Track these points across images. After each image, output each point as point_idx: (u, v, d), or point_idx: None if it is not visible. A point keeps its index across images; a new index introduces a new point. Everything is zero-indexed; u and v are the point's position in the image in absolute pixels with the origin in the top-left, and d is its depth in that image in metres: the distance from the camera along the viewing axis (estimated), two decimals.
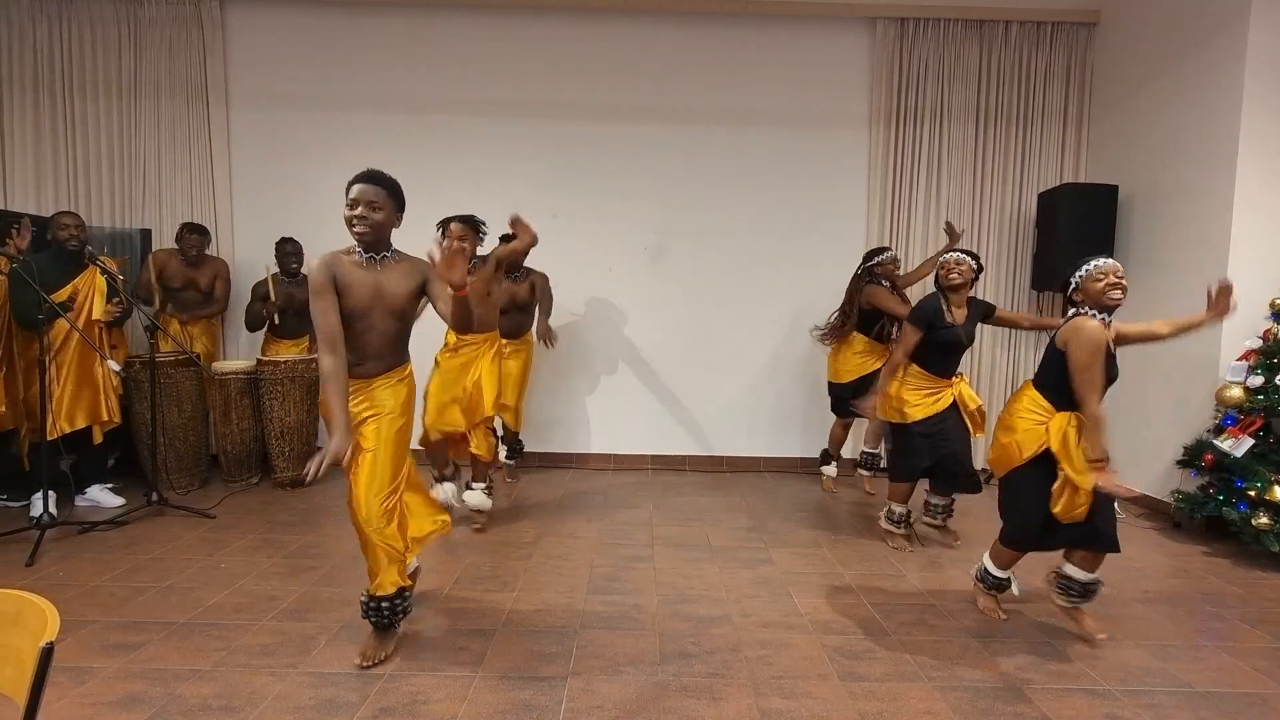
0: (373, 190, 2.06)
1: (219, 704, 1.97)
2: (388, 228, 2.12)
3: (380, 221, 2.08)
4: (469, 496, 3.51)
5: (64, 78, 4.60)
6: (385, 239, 2.13)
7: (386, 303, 2.11)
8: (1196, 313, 2.48)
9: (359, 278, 2.09)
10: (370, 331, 2.13)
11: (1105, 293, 2.28)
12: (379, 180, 2.09)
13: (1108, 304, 2.29)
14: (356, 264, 2.11)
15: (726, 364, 4.95)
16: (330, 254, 2.11)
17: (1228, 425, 3.41)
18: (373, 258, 2.12)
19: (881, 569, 3.11)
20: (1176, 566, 3.23)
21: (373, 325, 2.13)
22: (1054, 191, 4.45)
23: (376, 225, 2.07)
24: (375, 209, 2.06)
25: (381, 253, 2.13)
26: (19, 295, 3.36)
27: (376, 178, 2.09)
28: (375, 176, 2.09)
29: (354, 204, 2.06)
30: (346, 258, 2.11)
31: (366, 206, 2.05)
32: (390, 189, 2.11)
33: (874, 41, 4.73)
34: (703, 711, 1.98)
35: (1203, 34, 3.84)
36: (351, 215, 2.06)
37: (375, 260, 2.12)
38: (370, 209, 2.05)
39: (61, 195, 4.63)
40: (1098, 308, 2.31)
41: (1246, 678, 2.24)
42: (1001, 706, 2.03)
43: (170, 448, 4.02)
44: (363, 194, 2.05)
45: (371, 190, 2.06)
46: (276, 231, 4.51)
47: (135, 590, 2.72)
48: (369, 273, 2.10)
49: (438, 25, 4.71)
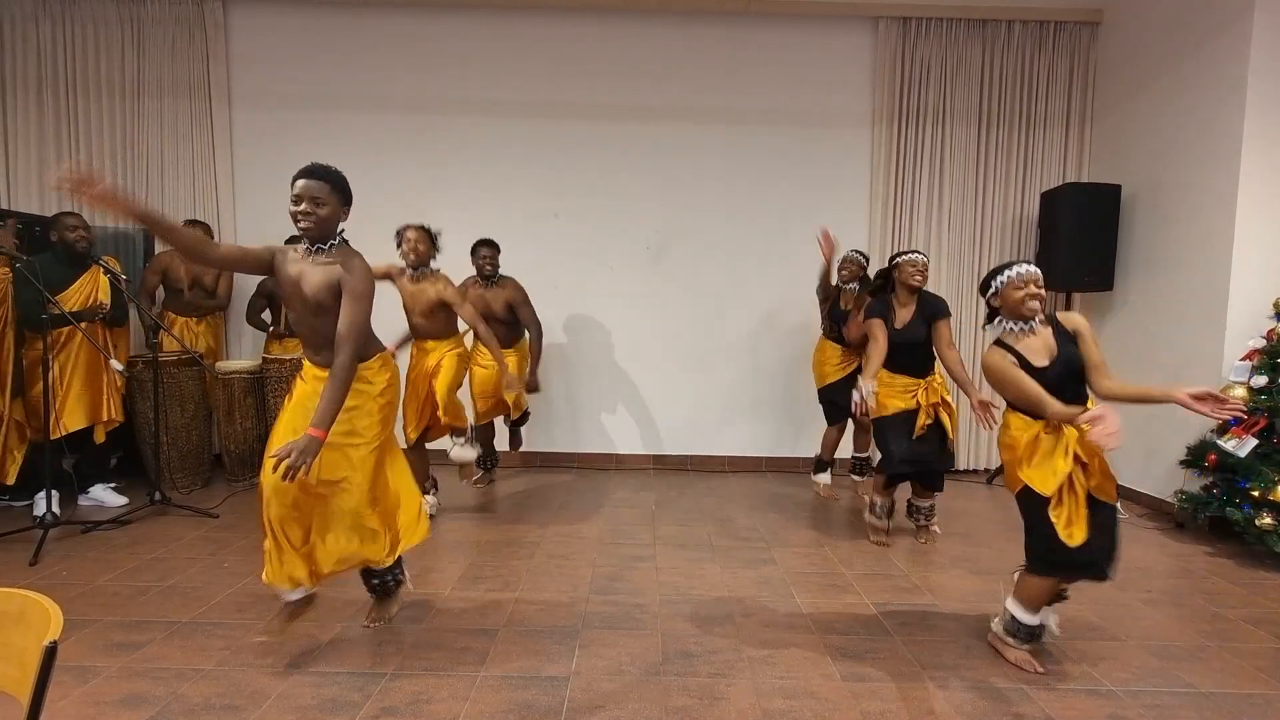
0: (316, 185, 2.06)
1: (221, 703, 1.97)
2: (333, 222, 2.11)
3: (324, 216, 2.07)
4: (453, 452, 3.62)
5: (67, 78, 4.62)
6: (330, 232, 2.12)
7: (304, 295, 2.09)
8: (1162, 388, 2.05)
9: (290, 270, 2.11)
10: (301, 323, 2.16)
11: (1023, 303, 2.16)
12: (323, 175, 2.08)
13: (1023, 314, 2.17)
14: (295, 257, 2.13)
15: (728, 363, 4.95)
16: (280, 245, 2.18)
17: (1231, 425, 3.40)
18: (310, 249, 2.12)
19: (884, 568, 3.11)
20: (1180, 567, 3.22)
21: (297, 315, 2.15)
22: (1056, 191, 4.44)
23: (320, 221, 2.07)
24: (319, 204, 2.06)
25: (320, 246, 2.12)
26: (23, 296, 3.37)
27: (320, 172, 2.08)
28: (319, 171, 2.08)
29: (298, 199, 2.05)
30: (292, 249, 2.15)
31: (310, 202, 2.05)
32: (335, 183, 2.09)
33: (876, 41, 4.73)
34: (705, 711, 1.98)
35: (1205, 33, 3.83)
36: (296, 211, 2.05)
37: (311, 252, 2.12)
38: (314, 205, 2.05)
39: (64, 195, 4.63)
40: (1014, 317, 2.20)
41: (1250, 678, 2.24)
42: (1004, 706, 2.03)
43: (173, 447, 4.03)
44: (306, 190, 2.05)
45: (315, 185, 2.05)
46: (278, 230, 4.48)
47: (138, 589, 2.73)
48: (299, 263, 2.12)
49: (439, 25, 4.72)
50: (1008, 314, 2.22)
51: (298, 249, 2.14)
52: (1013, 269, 2.20)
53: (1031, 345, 2.18)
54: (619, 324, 4.95)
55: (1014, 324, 2.21)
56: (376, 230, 3.53)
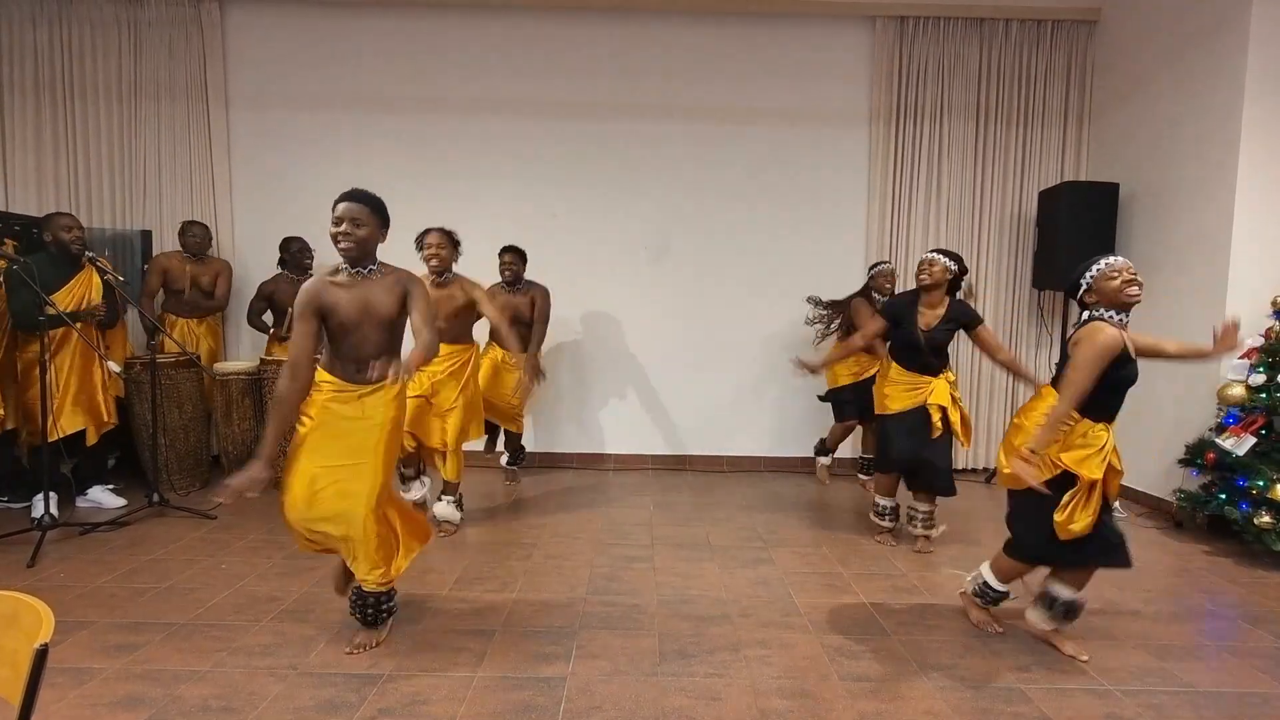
0: (357, 208, 2.14)
1: (219, 704, 1.97)
2: (371, 243, 2.19)
3: (364, 237, 2.15)
4: (438, 509, 3.50)
5: (64, 80, 4.61)
6: (370, 254, 2.21)
7: (374, 315, 2.19)
8: (1204, 343, 2.33)
9: (345, 295, 2.17)
10: (364, 343, 2.20)
11: (1122, 290, 2.11)
12: (363, 199, 2.17)
13: (1125, 301, 2.12)
14: (341, 283, 2.19)
15: (727, 363, 4.94)
16: (316, 279, 2.21)
17: (1229, 424, 3.40)
18: (358, 272, 2.20)
19: (881, 568, 3.11)
20: (1178, 566, 3.22)
21: (365, 337, 2.20)
22: (1055, 190, 4.44)
23: (360, 241, 2.15)
24: (359, 225, 2.14)
25: (367, 267, 2.21)
26: (17, 297, 3.36)
27: (361, 196, 2.17)
28: (359, 195, 2.17)
29: (339, 221, 2.14)
30: (332, 279, 2.20)
31: (350, 224, 2.13)
32: (374, 207, 2.19)
33: (874, 39, 4.72)
34: (702, 712, 1.98)
35: (1203, 30, 3.83)
36: (337, 232, 2.14)
37: (360, 274, 2.20)
38: (354, 225, 2.13)
39: (62, 197, 4.64)
40: (1115, 307, 2.14)
41: (1248, 677, 2.24)
42: (1002, 706, 2.03)
43: (171, 449, 4.03)
44: (347, 211, 2.13)
45: (355, 208, 2.14)
46: (277, 232, 4.52)
47: (136, 591, 2.73)
48: (355, 289, 2.18)
49: (436, 25, 4.71)
50: (1108, 305, 2.14)
51: (338, 275, 2.20)
52: (1101, 261, 2.18)
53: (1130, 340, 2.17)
54: (617, 324, 4.95)
55: (1116, 314, 2.14)
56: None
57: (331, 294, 2.17)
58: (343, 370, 2.22)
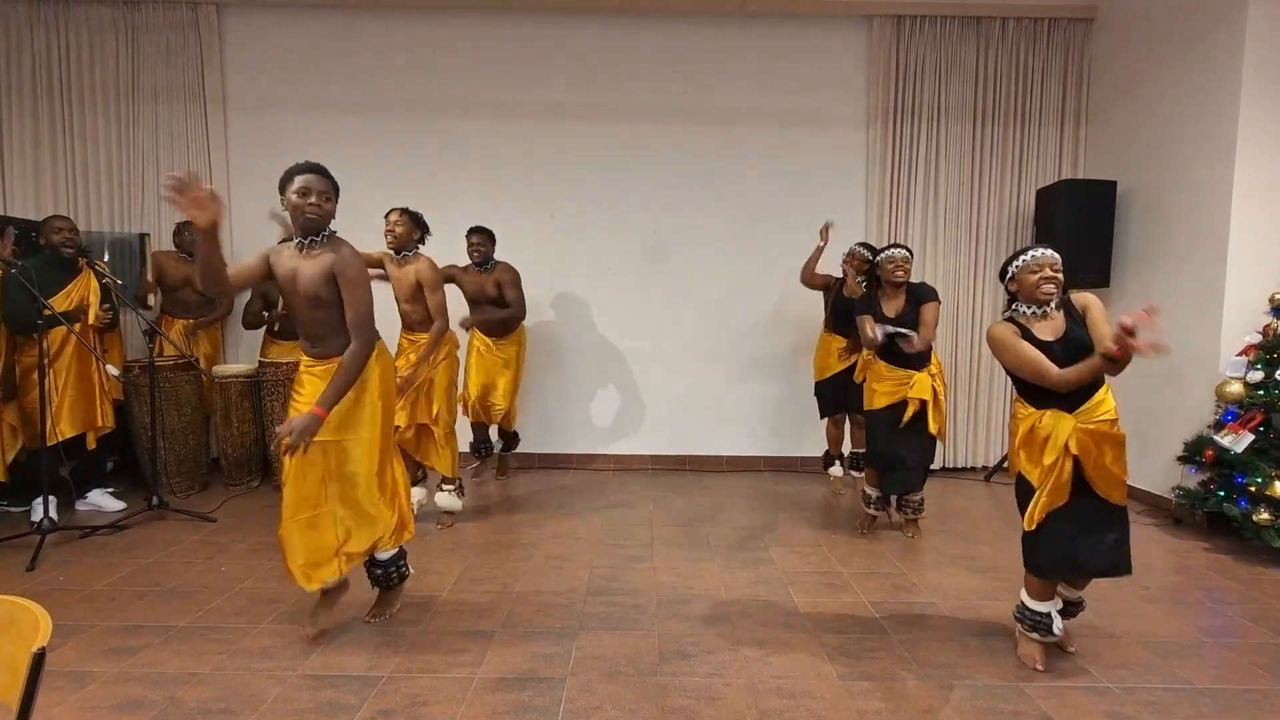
0: (322, 181, 2.18)
1: (218, 707, 1.97)
2: (330, 216, 2.22)
3: (329, 211, 2.20)
4: (439, 498, 3.54)
5: (62, 83, 4.61)
6: (326, 226, 2.22)
7: (300, 288, 2.19)
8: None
9: (285, 266, 2.20)
10: (296, 315, 2.25)
11: (1039, 286, 2.15)
12: (325, 172, 2.20)
13: (1040, 298, 2.15)
14: (289, 254, 2.22)
15: (725, 363, 4.95)
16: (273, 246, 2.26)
17: (1228, 421, 3.40)
18: (301, 243, 2.21)
19: (881, 567, 3.11)
20: (1177, 563, 3.22)
21: (295, 308, 2.23)
22: (1052, 188, 4.45)
23: (324, 214, 2.18)
24: (326, 199, 2.18)
25: (314, 239, 2.20)
26: (12, 301, 3.36)
27: (321, 169, 2.19)
28: (320, 168, 2.19)
29: (305, 192, 2.14)
30: (284, 246, 2.25)
31: (319, 196, 2.16)
32: (331, 179, 2.22)
33: (870, 39, 4.73)
34: (702, 711, 1.98)
35: (1200, 28, 3.83)
36: (305, 203, 2.14)
37: (303, 245, 2.21)
38: (322, 199, 2.16)
39: (60, 200, 4.64)
40: (1030, 301, 2.18)
41: (1247, 674, 2.24)
42: (1001, 705, 2.03)
43: (170, 451, 4.03)
44: (313, 184, 2.15)
45: (321, 181, 2.18)
46: (274, 234, 4.51)
47: (135, 594, 2.73)
48: (293, 259, 2.21)
49: (433, 28, 4.71)
50: (1024, 298, 2.20)
51: (290, 246, 2.23)
52: (1029, 253, 2.20)
53: (1043, 327, 2.18)
54: (616, 325, 4.95)
55: (1028, 308, 2.19)
56: (373, 233, 3.52)
57: (276, 262, 2.21)
58: (302, 343, 2.30)
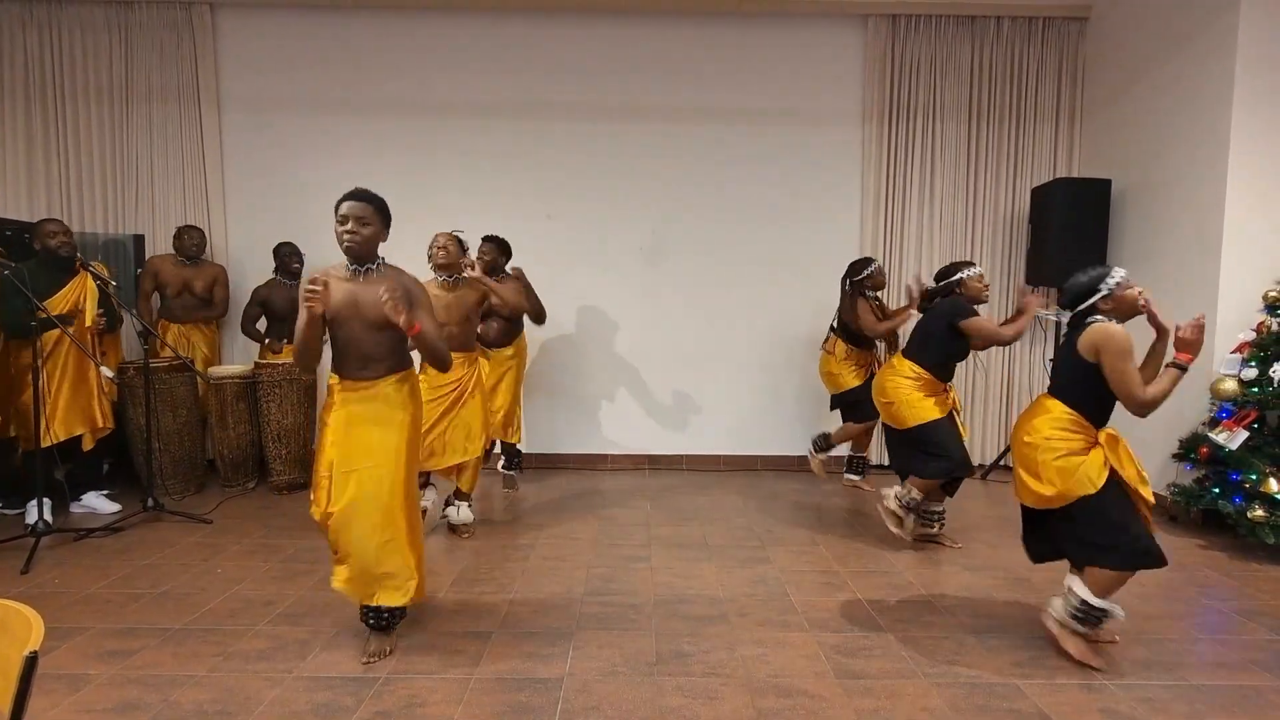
0: (361, 207, 2.20)
1: (215, 709, 1.97)
2: (374, 242, 2.24)
3: (368, 236, 2.21)
4: (452, 513, 3.49)
5: (55, 84, 4.59)
6: (372, 252, 2.25)
7: (363, 313, 2.20)
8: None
9: (341, 288, 2.21)
10: (351, 339, 2.23)
11: (1135, 302, 2.24)
12: (367, 198, 2.23)
13: (1138, 312, 2.26)
14: (341, 277, 2.23)
15: (722, 362, 4.95)
16: (321, 271, 2.24)
17: (1222, 418, 3.41)
18: (356, 270, 2.24)
19: (878, 566, 3.11)
20: (1173, 559, 3.21)
21: (353, 333, 2.22)
22: (1047, 186, 4.46)
23: (364, 240, 2.20)
24: (364, 224, 2.20)
25: (365, 265, 2.25)
26: (8, 303, 3.34)
27: (365, 195, 2.23)
28: (364, 194, 2.23)
29: (344, 219, 2.19)
30: (334, 270, 2.25)
31: (356, 222, 2.19)
32: (378, 206, 2.24)
33: (865, 38, 4.73)
34: (699, 711, 1.98)
35: (1193, 26, 3.84)
36: (341, 230, 2.19)
37: (359, 272, 2.24)
38: (360, 224, 2.19)
39: (54, 202, 4.62)
40: (1128, 316, 2.28)
41: (1242, 670, 2.25)
42: (997, 702, 2.03)
43: (166, 453, 4.02)
44: (352, 210, 2.18)
45: (360, 207, 2.19)
46: (270, 235, 4.51)
47: (131, 596, 2.72)
48: (350, 284, 2.22)
49: (429, 28, 4.71)
50: (1121, 316, 2.25)
51: (338, 271, 2.24)
52: (1117, 271, 2.26)
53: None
54: (613, 324, 4.94)
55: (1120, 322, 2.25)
56: None
57: (331, 282, 2.21)
58: (344, 368, 2.26)
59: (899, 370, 3.25)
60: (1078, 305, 2.31)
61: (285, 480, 4.17)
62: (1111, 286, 2.25)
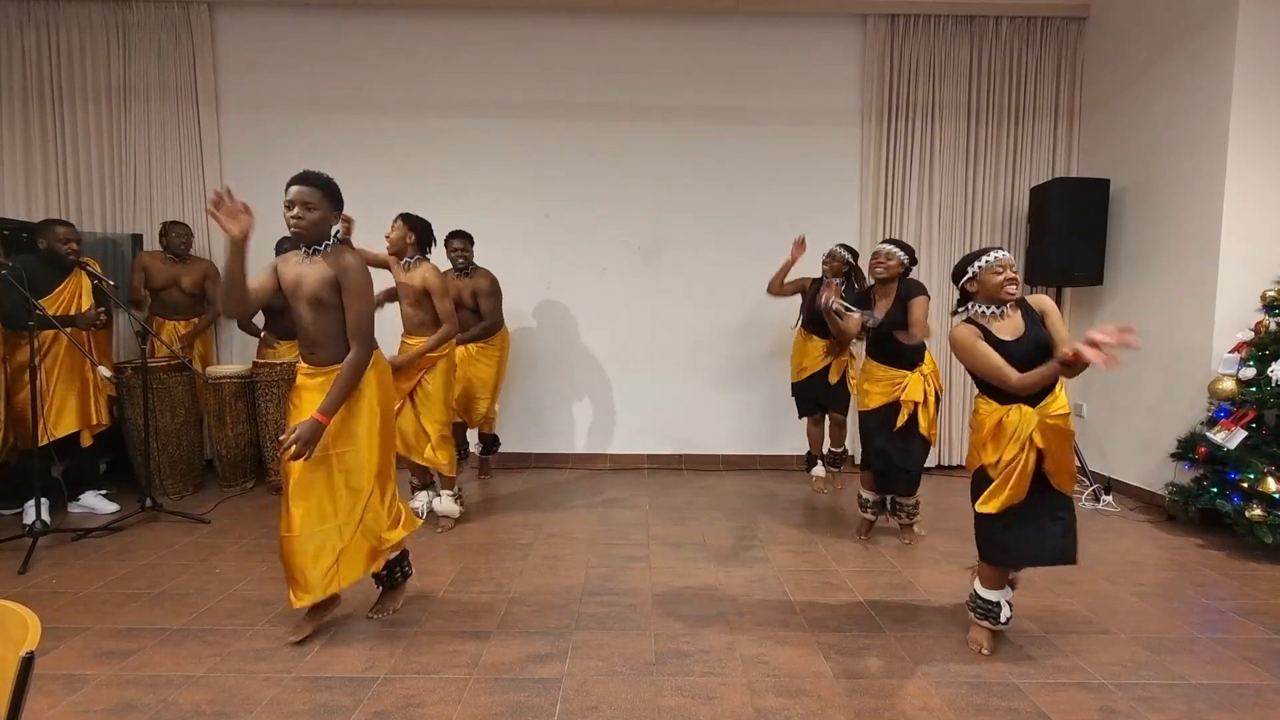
0: (307, 191, 2.20)
1: (213, 710, 1.96)
2: (324, 225, 2.25)
3: (314, 220, 2.21)
4: (438, 504, 3.53)
5: (52, 83, 4.58)
6: (323, 235, 2.26)
7: (303, 292, 2.24)
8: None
9: (290, 273, 2.26)
10: (300, 319, 2.28)
11: (1003, 287, 2.19)
12: (314, 181, 2.22)
13: (1003, 298, 2.20)
14: (295, 260, 2.28)
15: (721, 361, 4.95)
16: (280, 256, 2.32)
17: (1220, 418, 3.42)
18: (309, 252, 2.26)
19: (877, 566, 3.11)
20: (1170, 559, 3.24)
21: (300, 314, 2.27)
22: (1046, 186, 4.46)
23: (310, 224, 2.20)
24: (309, 209, 2.20)
25: (315, 248, 2.26)
26: (6, 299, 3.33)
27: (311, 178, 2.23)
28: (310, 177, 2.23)
29: (290, 204, 2.19)
30: (292, 254, 2.30)
31: (301, 207, 2.19)
32: (325, 188, 2.23)
33: (864, 38, 4.73)
34: (698, 710, 1.98)
35: (1192, 26, 3.84)
36: (288, 215, 2.19)
37: (308, 255, 2.26)
38: (305, 209, 2.19)
39: (51, 201, 4.61)
40: (992, 301, 2.22)
41: (1240, 669, 2.25)
42: (996, 702, 2.03)
43: (164, 453, 4.01)
44: (299, 195, 2.19)
45: (305, 191, 2.20)
46: (268, 235, 4.47)
47: (129, 597, 2.71)
48: (301, 266, 2.26)
49: (426, 27, 4.70)
50: (985, 298, 2.25)
51: (296, 254, 2.28)
52: (991, 254, 2.24)
53: (1001, 326, 2.24)
54: (611, 323, 4.94)
55: (988, 307, 2.25)
56: (365, 231, 3.51)
57: (283, 270, 2.27)
58: (301, 348, 2.34)
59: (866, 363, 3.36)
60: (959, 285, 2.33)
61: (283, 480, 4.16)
62: (975, 269, 2.24)
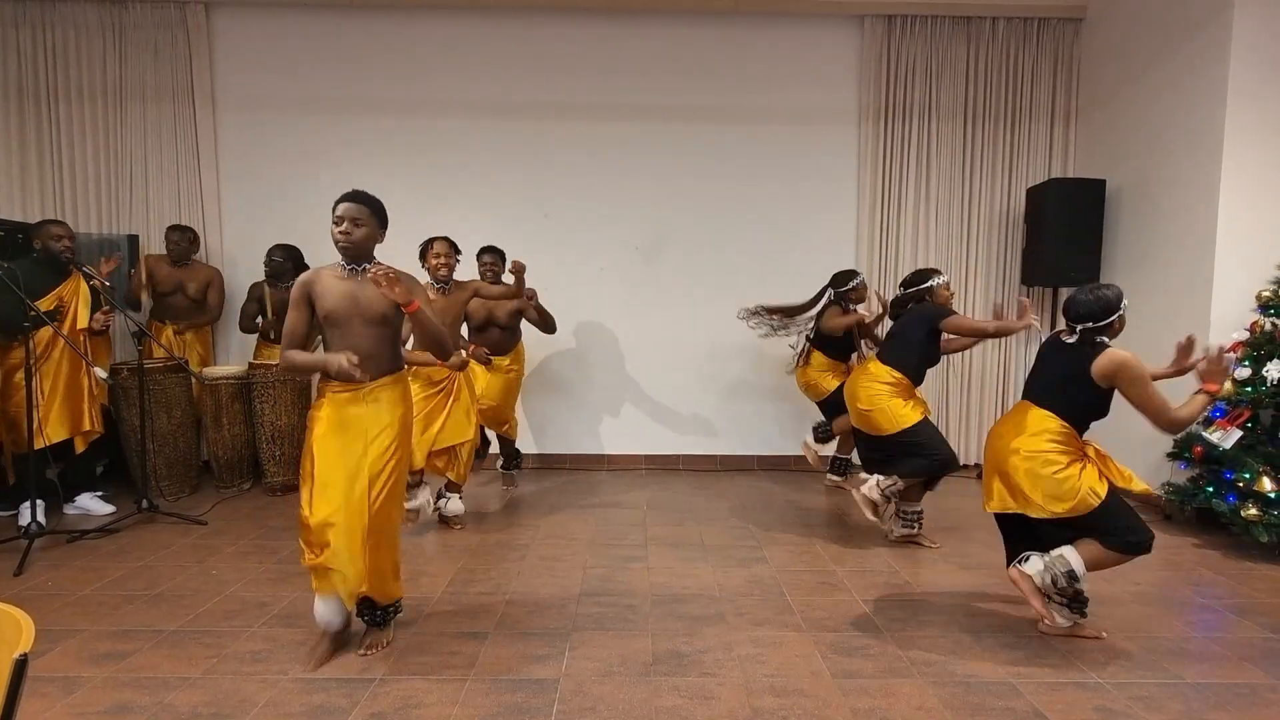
0: (356, 208, 2.21)
1: (209, 712, 1.96)
2: (370, 243, 2.25)
3: (362, 237, 2.22)
4: (444, 505, 3.56)
5: (49, 84, 4.57)
6: (367, 253, 2.26)
7: (363, 311, 2.22)
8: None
9: (338, 288, 2.22)
10: (352, 337, 2.22)
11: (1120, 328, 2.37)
12: (363, 199, 2.24)
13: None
14: (338, 276, 2.24)
15: (718, 362, 4.95)
16: (311, 270, 2.28)
17: (1216, 417, 3.41)
18: (354, 269, 2.25)
19: (874, 565, 3.11)
20: (1167, 558, 3.24)
21: (353, 331, 2.22)
22: (1042, 186, 4.47)
23: (358, 240, 2.21)
24: (358, 225, 2.21)
25: (362, 264, 2.25)
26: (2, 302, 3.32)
27: (360, 197, 2.24)
28: (359, 196, 2.24)
29: (339, 220, 2.21)
30: (328, 271, 2.26)
31: (350, 223, 2.20)
32: (373, 207, 2.25)
33: (862, 39, 4.74)
34: (696, 711, 1.98)
35: (1188, 27, 3.86)
36: (337, 231, 2.20)
37: (356, 272, 2.24)
38: (354, 225, 2.20)
39: (48, 202, 4.60)
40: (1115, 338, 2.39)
41: (1237, 668, 2.25)
42: (994, 701, 2.04)
43: (160, 454, 4.00)
44: (347, 211, 2.20)
45: (355, 208, 2.21)
46: (265, 235, 4.49)
47: (125, 598, 2.70)
48: (348, 283, 2.23)
49: (424, 27, 4.70)
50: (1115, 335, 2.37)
51: (334, 270, 2.25)
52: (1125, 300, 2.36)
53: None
54: (610, 324, 4.94)
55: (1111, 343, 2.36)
56: None
57: (323, 282, 2.21)
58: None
59: (875, 375, 3.30)
60: (1093, 322, 2.34)
61: (280, 481, 4.16)
62: (1125, 309, 2.35)
